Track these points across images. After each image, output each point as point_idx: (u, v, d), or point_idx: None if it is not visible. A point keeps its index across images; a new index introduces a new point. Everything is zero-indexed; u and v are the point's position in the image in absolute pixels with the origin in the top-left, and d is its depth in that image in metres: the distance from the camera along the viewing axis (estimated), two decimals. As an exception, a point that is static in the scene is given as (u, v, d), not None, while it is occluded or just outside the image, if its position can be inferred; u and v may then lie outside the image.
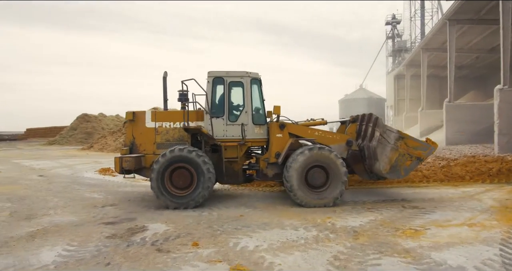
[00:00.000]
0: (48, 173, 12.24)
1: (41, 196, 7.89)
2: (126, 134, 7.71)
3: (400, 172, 6.65)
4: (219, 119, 7.13)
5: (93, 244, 4.53)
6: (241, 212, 6.26)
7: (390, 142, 6.50)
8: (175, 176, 6.62)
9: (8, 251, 4.29)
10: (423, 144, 6.71)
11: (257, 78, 7.49)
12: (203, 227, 5.29)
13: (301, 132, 7.29)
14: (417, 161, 6.65)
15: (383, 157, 6.55)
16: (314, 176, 6.65)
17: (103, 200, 7.38)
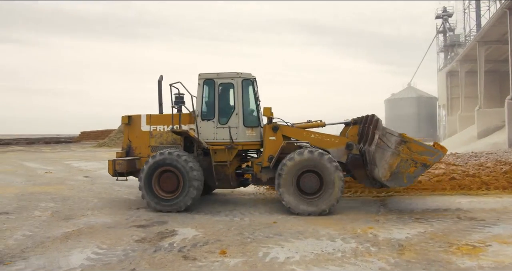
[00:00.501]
0: (93, 174, 12.82)
1: (83, 196, 8.18)
2: (123, 138, 7.77)
3: (403, 180, 5.96)
4: (209, 122, 6.97)
5: (122, 248, 4.47)
6: (274, 218, 5.93)
7: (390, 146, 5.86)
8: (162, 179, 6.59)
9: (43, 251, 4.36)
10: (430, 148, 5.96)
11: (250, 79, 7.20)
12: (233, 234, 5.05)
13: (296, 135, 6.90)
14: (423, 167, 5.92)
15: (382, 163, 5.87)
16: (307, 181, 6.22)
17: (139, 202, 7.43)
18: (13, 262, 3.98)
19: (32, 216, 6.23)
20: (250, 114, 7.16)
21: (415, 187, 8.24)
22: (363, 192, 8.14)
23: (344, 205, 6.90)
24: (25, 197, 8.06)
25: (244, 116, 6.94)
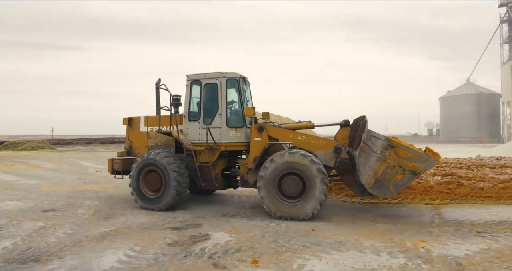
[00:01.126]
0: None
1: (126, 196, 8.39)
2: (125, 138, 8.12)
3: (389, 188, 5.46)
4: (195, 123, 6.96)
5: (153, 251, 4.38)
6: (314, 225, 5.53)
7: (375, 151, 5.39)
8: (148, 178, 6.85)
9: (78, 251, 4.41)
10: (420, 154, 5.36)
11: (235, 78, 6.95)
12: (267, 241, 4.75)
13: (282, 136, 6.63)
14: (411, 175, 5.37)
15: (366, 169, 5.45)
16: (288, 184, 5.96)
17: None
18: (49, 261, 4.05)
19: (76, 214, 6.46)
20: (234, 115, 6.97)
21: (476, 194, 7.34)
22: (414, 198, 7.41)
23: (391, 213, 6.29)
24: (74, 195, 8.47)
25: (227, 117, 6.79)
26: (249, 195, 8.23)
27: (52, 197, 8.17)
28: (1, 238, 4.95)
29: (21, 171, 14.45)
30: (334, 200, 7.63)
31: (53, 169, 14.81)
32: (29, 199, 8.02)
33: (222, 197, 8.09)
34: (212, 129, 6.69)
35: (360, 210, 6.57)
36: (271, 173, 5.98)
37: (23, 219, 6.07)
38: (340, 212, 6.47)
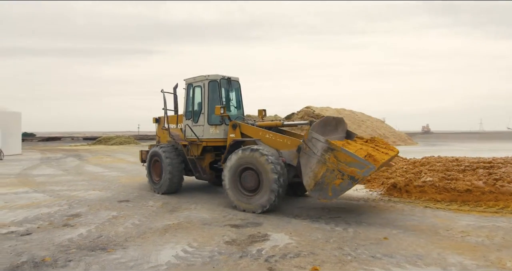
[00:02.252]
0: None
1: (192, 191, 8.63)
2: (156, 134, 9.59)
3: (328, 192, 5.21)
4: (189, 121, 7.81)
5: (210, 248, 4.27)
6: (386, 233, 4.89)
7: (316, 153, 5.22)
8: (155, 167, 8.28)
9: (141, 242, 4.53)
10: (360, 160, 4.99)
11: (216, 80, 7.58)
12: (331, 247, 4.30)
13: (252, 133, 6.91)
14: (350, 180, 5.03)
15: (307, 170, 5.36)
16: (246, 178, 6.29)
17: (240, 199, 7.35)
18: (114, 250, 4.20)
19: (146, 206, 6.77)
20: (213, 113, 7.37)
21: None
22: (516, 208, 6.15)
23: (487, 224, 5.27)
24: (146, 187, 8.98)
25: (208, 115, 7.45)
26: (314, 195, 7.78)
27: (128, 189, 8.78)
28: (79, 225, 5.37)
29: (107, 164, 16.05)
30: (413, 204, 6.75)
31: (133, 162, 16.15)
32: (109, 189, 8.73)
33: (285, 196, 7.76)
34: (198, 127, 7.57)
35: (445, 218, 5.66)
36: (230, 168, 6.41)
37: (100, 208, 6.56)
38: (419, 219, 5.65)
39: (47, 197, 7.65)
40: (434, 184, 7.36)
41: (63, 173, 12.48)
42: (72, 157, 21.16)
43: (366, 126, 34.77)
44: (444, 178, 7.53)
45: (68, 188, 8.90)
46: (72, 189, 8.75)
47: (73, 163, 16.62)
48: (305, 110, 31.18)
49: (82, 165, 15.51)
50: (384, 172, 9.52)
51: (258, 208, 6.02)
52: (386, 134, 37.01)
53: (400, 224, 5.30)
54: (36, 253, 4.04)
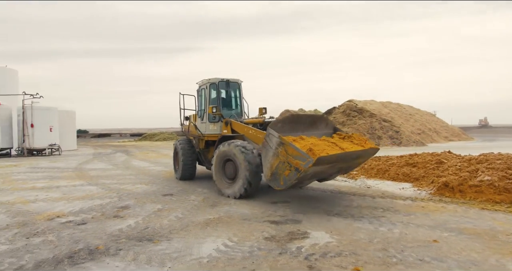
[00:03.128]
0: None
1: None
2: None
3: (279, 181, 5.89)
4: (199, 119, 9.24)
5: (250, 244, 4.32)
6: (437, 235, 4.61)
7: (271, 147, 5.91)
8: (177, 157, 9.99)
9: (184, 235, 4.69)
10: (302, 153, 5.45)
11: (214, 83, 8.65)
12: (374, 248, 4.14)
13: (239, 129, 7.73)
14: (296, 171, 5.57)
15: (266, 162, 6.09)
16: (227, 168, 7.26)
17: (279, 196, 7.34)
18: (160, 241, 4.40)
19: (188, 199, 7.01)
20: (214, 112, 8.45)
21: None
22: None
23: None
24: (189, 182, 9.29)
25: (208, 114, 8.52)
26: (356, 192, 7.54)
27: (171, 183, 9.14)
28: (128, 216, 5.69)
29: (153, 159, 16.84)
30: (467, 206, 6.29)
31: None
32: (154, 183, 9.15)
33: (326, 193, 7.62)
34: (203, 124, 8.87)
35: (505, 222, 5.21)
36: (216, 159, 7.40)
37: (147, 201, 6.89)
38: (475, 222, 5.25)
39: (100, 190, 8.20)
40: (493, 183, 6.80)
41: (112, 167, 13.31)
42: (121, 152, 22.49)
43: (414, 120, 32.98)
44: (505, 177, 6.92)
45: (117, 182, 9.47)
46: (121, 183, 9.29)
47: (121, 158, 17.66)
48: (347, 104, 30.28)
49: (129, 160, 16.42)
50: (435, 169, 8.99)
51: (236, 193, 6.95)
52: (437, 128, 34.86)
53: (452, 226, 4.97)
54: (91, 241, 4.35)
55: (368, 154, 6.60)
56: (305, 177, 5.88)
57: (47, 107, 21.46)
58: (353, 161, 6.47)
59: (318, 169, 5.71)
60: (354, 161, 6.48)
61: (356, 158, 6.36)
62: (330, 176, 6.89)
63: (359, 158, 6.46)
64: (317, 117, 7.20)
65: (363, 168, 10.82)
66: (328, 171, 6.33)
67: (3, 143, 19.84)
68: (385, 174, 9.71)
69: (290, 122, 6.62)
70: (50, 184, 9.17)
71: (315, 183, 8.98)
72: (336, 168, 6.37)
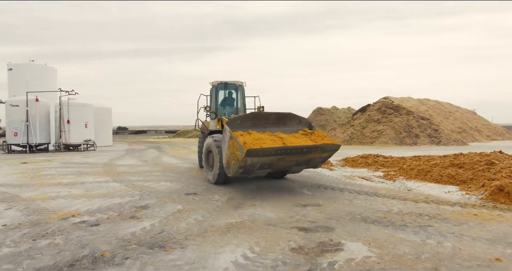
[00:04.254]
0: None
1: (258, 184, 8.22)
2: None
3: (230, 169, 6.83)
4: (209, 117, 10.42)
5: (274, 256, 3.75)
6: (498, 252, 3.79)
7: (227, 140, 6.76)
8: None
9: (201, 242, 4.22)
10: (240, 145, 6.23)
11: (214, 85, 10.16)
12: (423, 267, 3.42)
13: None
14: (237, 161, 6.39)
15: (223, 152, 7.05)
16: (209, 158, 8.39)
17: (310, 198, 6.70)
18: (172, 249, 3.95)
19: (211, 200, 6.56)
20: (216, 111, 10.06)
21: None
22: None
23: None
24: (214, 180, 8.88)
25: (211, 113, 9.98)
26: (395, 195, 6.73)
27: (197, 181, 8.77)
28: (145, 217, 5.32)
29: (182, 155, 16.71)
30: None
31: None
32: (179, 181, 8.83)
33: (361, 195, 6.88)
34: (212, 121, 9.94)
35: None
36: (203, 149, 8.91)
37: (168, 200, 6.53)
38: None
39: (122, 187, 7.99)
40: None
41: (142, 163, 13.25)
42: (153, 148, 22.73)
43: (454, 118, 30.72)
44: None
45: (143, 179, 9.26)
46: (146, 180, 9.07)
47: (153, 154, 17.72)
48: (383, 101, 28.72)
49: (160, 156, 16.41)
50: (485, 171, 7.93)
51: (212, 179, 8.18)
52: (479, 127, 32.28)
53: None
54: (98, 247, 3.99)
55: (323, 149, 6.90)
56: (251, 167, 6.62)
57: (82, 103, 22.09)
58: (307, 155, 6.87)
59: (261, 160, 6.45)
60: (308, 155, 6.86)
61: (308, 152, 6.73)
62: (289, 168, 7.36)
63: (313, 152, 6.82)
64: (285, 115, 7.66)
65: (402, 168, 9.88)
66: (280, 164, 6.89)
67: (41, 138, 20.66)
68: (427, 175, 8.74)
69: (251, 119, 7.36)
70: (76, 180, 9.13)
71: (347, 183, 8.23)
72: (289, 161, 6.92)
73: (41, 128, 20.83)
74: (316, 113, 43.11)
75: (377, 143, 24.89)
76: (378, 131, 26.27)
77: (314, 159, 7.13)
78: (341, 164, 12.10)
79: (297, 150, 6.54)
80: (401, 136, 25.21)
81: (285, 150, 6.41)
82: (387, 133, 25.42)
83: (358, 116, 30.05)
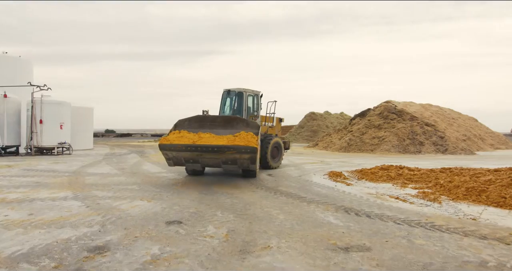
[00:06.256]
0: (277, 172, 11.29)
1: (266, 206, 6.21)
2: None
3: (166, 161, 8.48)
4: None
5: None
6: None
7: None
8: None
9: None
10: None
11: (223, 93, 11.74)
12: None
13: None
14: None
15: None
16: None
17: (346, 232, 4.72)
18: None
19: (203, 235, 4.50)
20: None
21: None
22: None
23: None
24: (208, 197, 6.82)
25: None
26: (463, 229, 4.82)
27: (184, 200, 6.70)
28: (97, 273, 3.25)
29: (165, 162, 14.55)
30: None
31: (195, 161, 14.38)
32: (160, 199, 6.75)
33: (419, 230, 4.95)
34: None
35: None
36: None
37: (140, 235, 4.47)
38: None
39: (82, 209, 5.88)
40: None
41: (117, 172, 11.08)
42: (135, 153, 20.49)
43: (458, 125, 29.33)
44: None
45: (113, 195, 7.15)
46: (117, 196, 6.96)
47: (133, 160, 15.53)
48: (385, 105, 27.13)
49: (141, 163, 14.24)
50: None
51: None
52: (482, 135, 30.98)
53: None
54: None
55: (237, 150, 7.25)
56: (176, 160, 8.02)
57: (58, 101, 19.70)
58: (223, 154, 7.42)
59: (179, 154, 7.61)
60: (223, 154, 7.42)
61: (220, 151, 7.31)
62: (219, 165, 8.04)
63: (226, 152, 7.31)
64: (232, 118, 8.79)
65: (442, 185, 8.01)
66: (206, 160, 7.81)
67: (9, 140, 18.20)
68: (482, 196, 6.87)
69: (197, 121, 8.58)
70: (26, 196, 6.96)
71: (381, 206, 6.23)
72: (212, 159, 7.68)
73: (10, 129, 18.35)
74: (308, 118, 41.42)
75: (379, 150, 23.19)
76: (379, 138, 24.58)
77: (238, 159, 7.58)
78: (357, 176, 10.19)
79: (207, 148, 7.30)
80: (404, 143, 23.57)
81: (195, 147, 7.37)
82: (390, 141, 23.74)
83: (357, 121, 28.39)
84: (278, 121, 13.63)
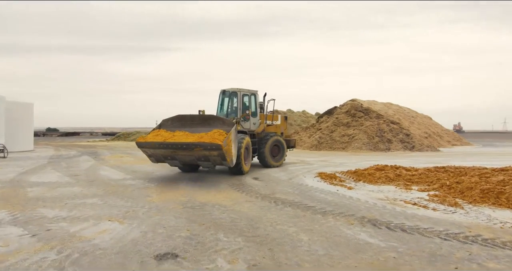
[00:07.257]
0: (262, 174, 10.05)
1: (276, 222, 4.93)
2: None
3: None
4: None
5: None
6: None
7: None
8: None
9: None
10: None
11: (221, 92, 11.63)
12: None
13: None
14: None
15: None
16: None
17: (398, 258, 3.60)
18: None
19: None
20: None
21: None
22: None
23: None
24: (200, 213, 5.38)
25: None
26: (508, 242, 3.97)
27: (167, 217, 5.19)
28: None
29: (129, 166, 12.63)
30: None
31: (162, 164, 12.53)
32: (136, 218, 5.17)
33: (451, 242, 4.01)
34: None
35: None
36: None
37: (122, 284, 2.96)
38: None
39: (25, 240, 4.15)
40: None
41: (69, 180, 9.07)
42: (87, 155, 18.01)
43: (418, 123, 30.35)
44: None
45: (68, 214, 5.41)
46: (75, 217, 5.25)
47: (87, 164, 13.32)
48: (351, 104, 27.09)
49: (97, 167, 12.16)
50: None
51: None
52: (439, 132, 32.45)
53: None
54: None
55: (203, 147, 7.66)
56: (156, 157, 8.76)
57: (-12, 96, 16.67)
58: (193, 151, 7.89)
59: (156, 151, 8.44)
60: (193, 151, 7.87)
61: (188, 148, 7.83)
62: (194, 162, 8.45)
63: (195, 149, 7.77)
64: (209, 117, 9.02)
65: (449, 187, 7.34)
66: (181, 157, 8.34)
67: None
68: (501, 198, 6.25)
69: (179, 120, 8.97)
70: None
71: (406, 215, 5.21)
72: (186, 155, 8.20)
73: None
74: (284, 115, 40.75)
75: (350, 148, 22.95)
76: (349, 135, 24.41)
77: (209, 156, 7.95)
78: (352, 178, 9.29)
79: (176, 145, 7.89)
80: (374, 141, 23.58)
81: (166, 145, 7.99)
82: (360, 138, 23.63)
83: (325, 119, 28.10)
84: (284, 120, 13.52)
